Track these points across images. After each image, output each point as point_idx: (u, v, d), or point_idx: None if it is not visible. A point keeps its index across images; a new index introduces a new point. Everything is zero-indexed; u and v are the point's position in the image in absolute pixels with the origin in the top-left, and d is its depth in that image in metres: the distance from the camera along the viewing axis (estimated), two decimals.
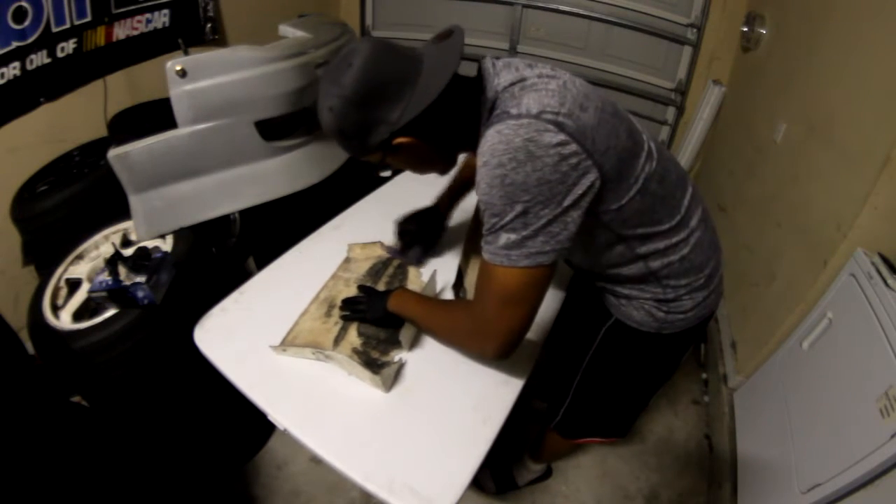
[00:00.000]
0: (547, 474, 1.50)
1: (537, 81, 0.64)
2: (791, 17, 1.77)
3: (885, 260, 1.15)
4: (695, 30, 2.38)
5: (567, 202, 0.60)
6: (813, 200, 1.43)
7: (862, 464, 0.94)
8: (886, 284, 1.08)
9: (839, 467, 1.00)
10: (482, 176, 0.62)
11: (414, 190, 1.42)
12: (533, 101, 0.61)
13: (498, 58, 0.73)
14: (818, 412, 1.19)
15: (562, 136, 0.59)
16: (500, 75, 0.67)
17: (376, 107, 0.65)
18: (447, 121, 0.70)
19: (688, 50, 2.46)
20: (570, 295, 1.11)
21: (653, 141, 0.75)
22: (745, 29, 2.08)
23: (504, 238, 0.62)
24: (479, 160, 0.63)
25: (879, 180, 1.15)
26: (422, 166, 0.79)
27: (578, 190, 0.61)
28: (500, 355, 0.72)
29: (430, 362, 0.90)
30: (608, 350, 0.95)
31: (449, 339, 0.86)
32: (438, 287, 1.09)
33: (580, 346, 1.00)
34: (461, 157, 0.88)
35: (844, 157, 1.31)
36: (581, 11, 2.47)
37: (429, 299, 0.92)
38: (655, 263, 0.77)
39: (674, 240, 0.76)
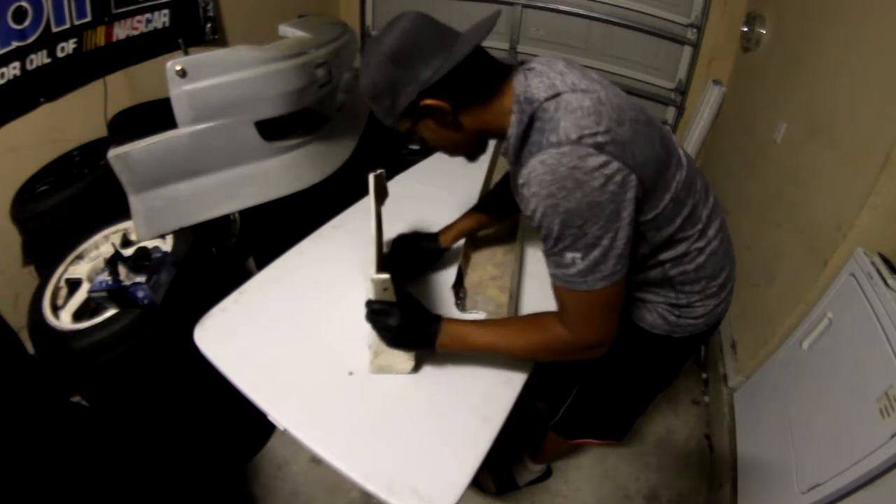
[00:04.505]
0: (547, 474, 1.50)
1: (571, 99, 0.64)
2: (791, 17, 1.77)
3: (885, 260, 1.16)
4: (695, 30, 2.38)
5: (620, 218, 0.63)
6: (813, 200, 1.43)
7: (862, 464, 0.94)
8: (886, 284, 1.08)
9: (839, 467, 1.00)
10: (535, 205, 0.64)
11: (415, 190, 1.42)
12: (571, 125, 0.62)
13: (529, 62, 0.75)
14: (818, 412, 1.19)
15: (603, 158, 0.61)
16: (531, 82, 0.69)
17: (410, 66, 0.67)
18: (475, 91, 0.71)
19: (688, 50, 2.46)
20: None
21: (681, 148, 0.78)
22: (745, 29, 2.08)
23: (569, 257, 0.65)
24: (526, 188, 0.65)
25: (879, 180, 1.15)
26: (450, 142, 0.77)
27: (628, 205, 0.63)
28: (604, 350, 0.76)
29: (430, 362, 0.90)
30: (617, 349, 0.95)
31: (540, 355, 0.83)
32: (442, 286, 1.09)
33: None
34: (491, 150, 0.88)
35: (844, 157, 1.31)
36: (581, 11, 2.47)
37: (486, 323, 0.84)
38: (673, 270, 0.80)
39: (693, 247, 0.78)
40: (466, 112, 0.72)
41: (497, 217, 1.12)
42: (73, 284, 1.25)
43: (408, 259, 1.06)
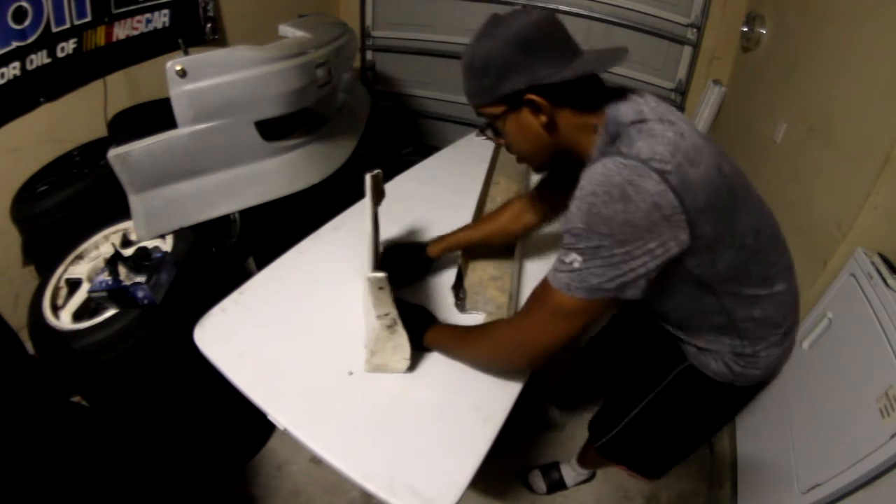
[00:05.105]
0: (591, 476, 1.50)
1: (655, 127, 0.64)
2: (791, 17, 1.77)
3: (885, 260, 1.16)
4: (695, 30, 2.38)
5: (646, 249, 0.60)
6: (813, 200, 1.43)
7: (862, 464, 0.94)
8: (886, 284, 1.08)
9: (839, 467, 1.00)
10: (574, 199, 0.63)
11: (414, 191, 1.42)
12: (645, 146, 0.61)
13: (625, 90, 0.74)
14: (818, 412, 1.19)
15: (663, 187, 0.59)
16: (620, 108, 0.68)
17: (531, 57, 0.66)
18: (576, 106, 0.70)
19: (688, 50, 2.46)
20: (632, 324, 1.10)
21: (755, 194, 0.75)
22: (745, 29, 2.08)
23: (571, 257, 0.63)
24: (579, 188, 0.64)
25: (879, 180, 1.15)
26: (531, 144, 0.75)
27: (663, 244, 0.61)
28: (532, 364, 0.75)
29: (430, 362, 0.90)
30: (677, 392, 0.93)
31: (487, 355, 0.84)
32: (442, 287, 1.09)
33: (646, 379, 0.98)
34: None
35: (844, 156, 1.31)
36: (581, 11, 2.47)
37: (461, 328, 0.91)
38: (739, 315, 0.77)
39: (760, 293, 0.76)
40: (561, 121, 0.71)
41: (491, 238, 1.12)
42: (73, 284, 1.25)
43: (397, 267, 1.06)
